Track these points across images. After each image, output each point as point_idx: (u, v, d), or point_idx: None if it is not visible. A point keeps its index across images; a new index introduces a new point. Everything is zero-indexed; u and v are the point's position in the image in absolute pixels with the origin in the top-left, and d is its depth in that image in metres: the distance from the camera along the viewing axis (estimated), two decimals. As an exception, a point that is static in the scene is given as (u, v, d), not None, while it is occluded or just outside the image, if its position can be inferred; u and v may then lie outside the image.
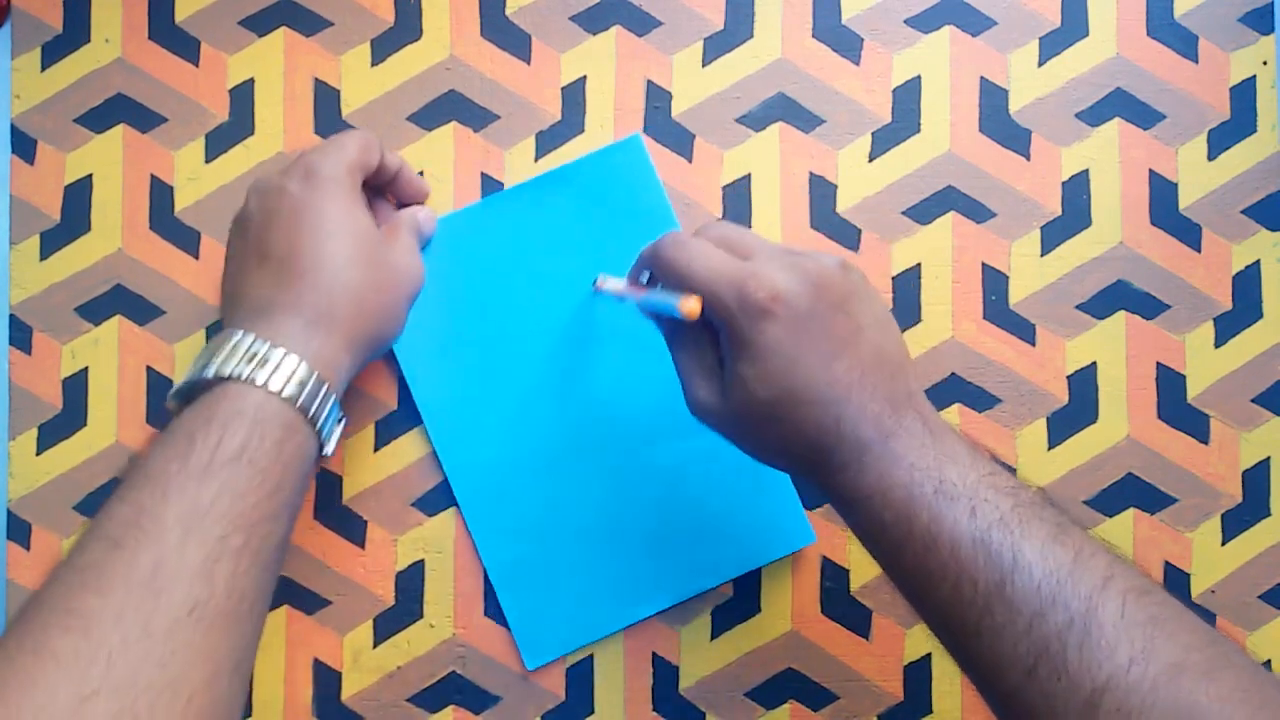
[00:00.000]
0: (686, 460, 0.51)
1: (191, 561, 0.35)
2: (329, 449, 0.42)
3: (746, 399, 0.38)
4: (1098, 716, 0.32)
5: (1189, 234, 0.53)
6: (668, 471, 0.51)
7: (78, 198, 0.53)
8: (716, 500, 0.51)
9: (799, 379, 0.38)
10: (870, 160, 0.53)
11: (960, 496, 0.36)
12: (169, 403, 0.41)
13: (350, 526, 0.52)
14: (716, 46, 0.53)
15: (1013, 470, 0.52)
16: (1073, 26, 0.53)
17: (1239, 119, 0.53)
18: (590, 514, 0.51)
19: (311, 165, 0.44)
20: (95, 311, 0.52)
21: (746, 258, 0.39)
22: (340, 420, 0.43)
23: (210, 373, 0.39)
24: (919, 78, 0.53)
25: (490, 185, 0.53)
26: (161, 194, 0.53)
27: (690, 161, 0.53)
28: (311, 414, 0.40)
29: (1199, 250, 0.53)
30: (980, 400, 0.52)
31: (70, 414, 0.52)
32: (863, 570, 0.52)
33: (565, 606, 0.51)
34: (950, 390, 0.52)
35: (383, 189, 0.50)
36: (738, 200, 0.53)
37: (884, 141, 0.53)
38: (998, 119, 0.53)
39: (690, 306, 0.38)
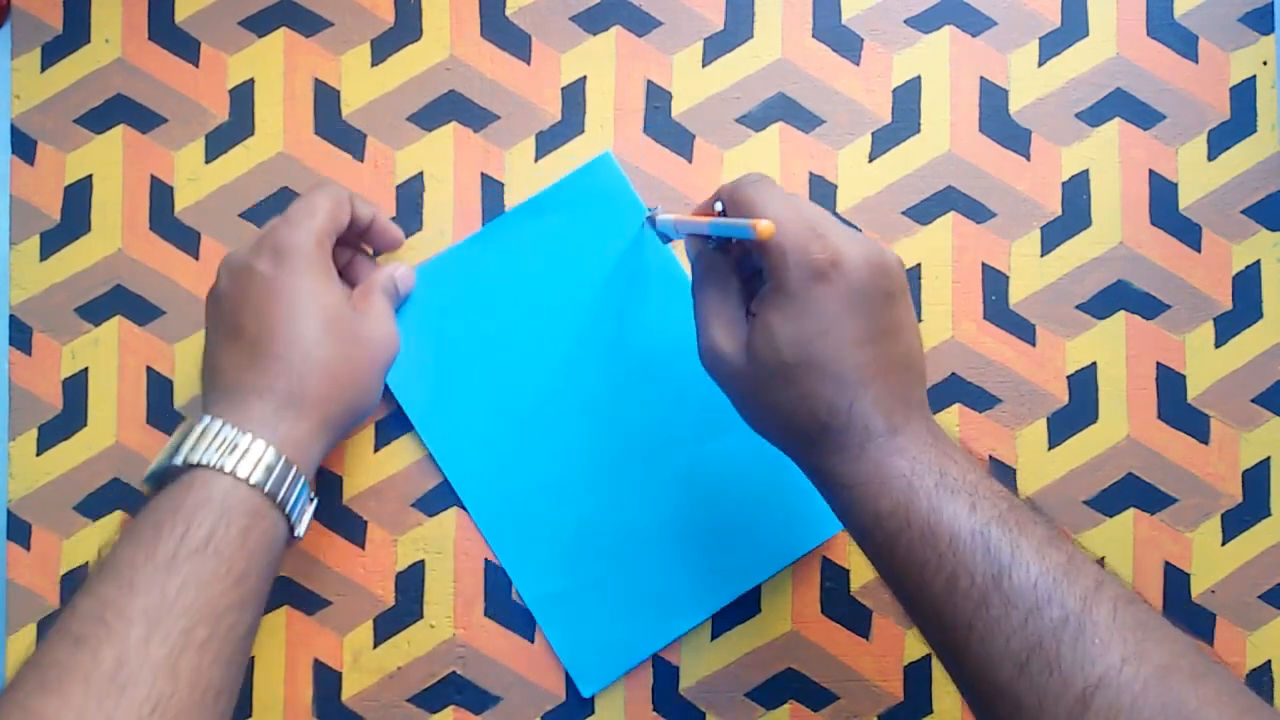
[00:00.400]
0: (706, 465, 0.51)
1: (155, 657, 0.35)
2: (299, 531, 0.42)
3: (770, 354, 0.38)
4: (1088, 713, 0.33)
5: (1189, 234, 0.53)
6: (689, 479, 0.51)
7: (78, 198, 0.53)
8: (739, 501, 0.51)
9: (828, 350, 0.37)
10: (870, 160, 0.53)
11: (961, 491, 0.37)
12: (143, 486, 0.41)
13: (350, 527, 0.52)
14: (716, 47, 0.53)
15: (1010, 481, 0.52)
16: (1073, 26, 0.53)
17: (1239, 119, 0.53)
18: (620, 533, 0.51)
19: (280, 242, 0.44)
20: (95, 312, 0.52)
21: (813, 225, 0.39)
22: (311, 501, 0.43)
23: (179, 459, 0.40)
24: (919, 78, 0.53)
25: (490, 185, 0.53)
26: (161, 194, 0.53)
27: (690, 162, 0.53)
28: (280, 498, 0.40)
29: (1199, 250, 0.53)
30: (980, 400, 0.52)
31: (70, 414, 0.52)
32: (863, 570, 0.52)
33: (612, 629, 0.51)
34: (950, 390, 0.52)
35: (357, 240, 0.50)
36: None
37: (884, 141, 0.53)
38: (998, 119, 0.53)
39: (766, 226, 0.36)
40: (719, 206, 0.42)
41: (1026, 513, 0.37)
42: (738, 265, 0.42)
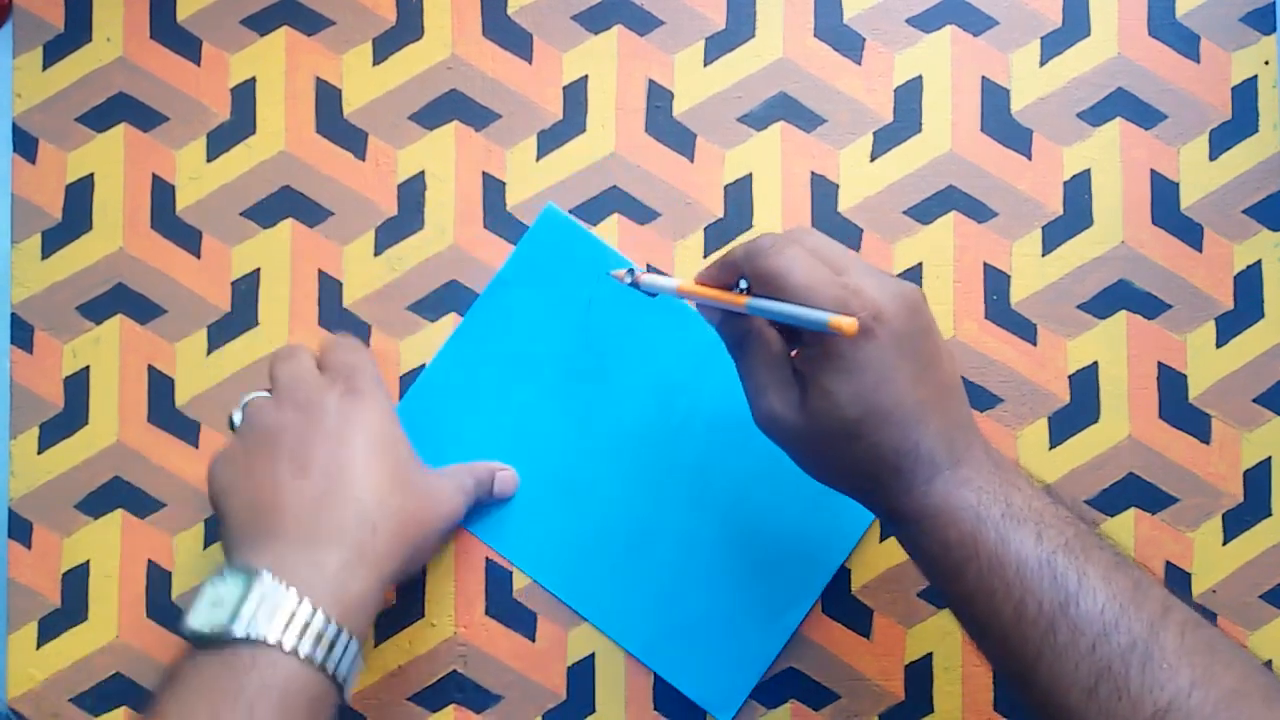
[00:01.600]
0: (749, 488, 0.51)
1: None
2: (348, 698, 0.40)
3: (832, 414, 0.38)
4: None
5: (1190, 234, 0.53)
6: (738, 504, 0.51)
7: (79, 197, 0.53)
8: (785, 511, 0.51)
9: (888, 398, 0.38)
10: (872, 160, 0.53)
11: (1027, 520, 0.37)
12: (184, 630, 0.39)
13: (351, 526, 0.52)
14: (718, 46, 0.53)
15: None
16: (1074, 26, 0.53)
17: (1240, 119, 0.53)
18: (695, 568, 0.51)
19: (352, 374, 0.43)
20: (97, 310, 0.52)
21: (839, 272, 0.39)
22: (360, 665, 0.41)
23: (239, 630, 0.37)
24: (920, 77, 0.53)
25: (492, 184, 0.53)
26: (163, 193, 0.53)
27: (692, 161, 0.53)
28: (340, 677, 0.39)
29: (1200, 250, 0.53)
30: (982, 400, 0.52)
31: (71, 413, 0.52)
32: (864, 570, 0.52)
33: (726, 649, 0.51)
34: (951, 390, 0.52)
35: None
36: (739, 200, 0.53)
37: (885, 141, 0.53)
38: (999, 119, 0.53)
39: (850, 324, 0.36)
40: (744, 284, 0.41)
41: (1092, 538, 0.38)
42: (770, 321, 0.42)
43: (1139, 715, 0.33)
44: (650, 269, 0.49)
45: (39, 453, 0.52)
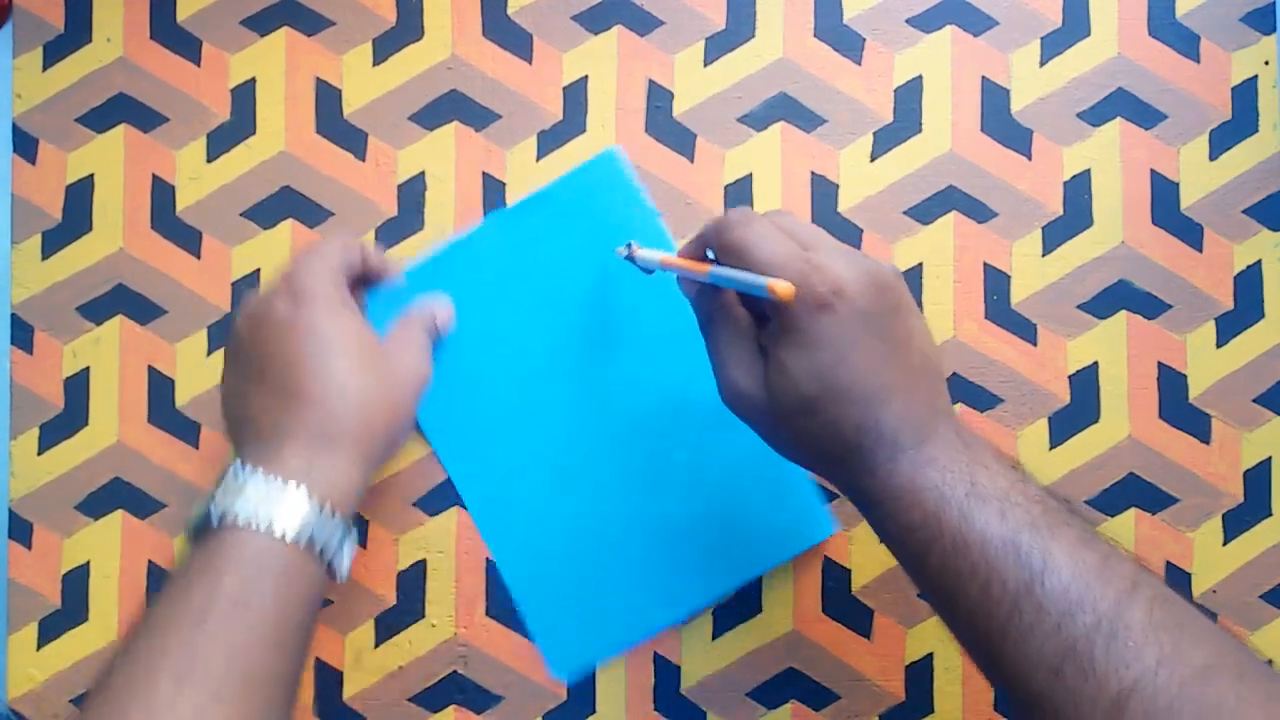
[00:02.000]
0: (703, 461, 0.51)
1: (182, 711, 0.35)
2: (340, 576, 0.42)
3: (789, 389, 0.38)
4: (1124, 717, 0.32)
5: (1190, 234, 0.53)
6: (685, 474, 0.51)
7: (79, 197, 0.53)
8: (736, 499, 0.51)
9: (846, 376, 0.37)
10: (872, 160, 0.53)
11: (991, 499, 0.37)
12: (183, 535, 0.41)
13: (352, 526, 0.52)
14: (718, 46, 0.53)
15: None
16: (1074, 26, 0.53)
17: (1240, 119, 0.53)
18: (610, 522, 0.51)
19: (295, 281, 0.44)
20: (97, 311, 0.52)
21: (807, 249, 0.39)
22: (352, 541, 0.43)
23: (213, 513, 0.40)
24: (920, 77, 0.53)
25: (492, 185, 0.53)
26: (163, 193, 0.53)
27: (692, 161, 0.53)
28: (318, 548, 0.40)
29: (1200, 250, 0.53)
30: (982, 400, 0.52)
31: (72, 413, 0.52)
32: (864, 570, 0.52)
33: (592, 617, 0.51)
34: (952, 390, 0.52)
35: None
36: (739, 200, 0.53)
37: (885, 141, 0.53)
38: (999, 119, 0.53)
39: (785, 289, 0.36)
40: (710, 254, 0.42)
41: (1060, 515, 0.37)
42: (740, 297, 0.42)
43: (1104, 694, 0.33)
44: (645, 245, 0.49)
45: (39, 453, 0.52)
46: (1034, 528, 0.36)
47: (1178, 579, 0.52)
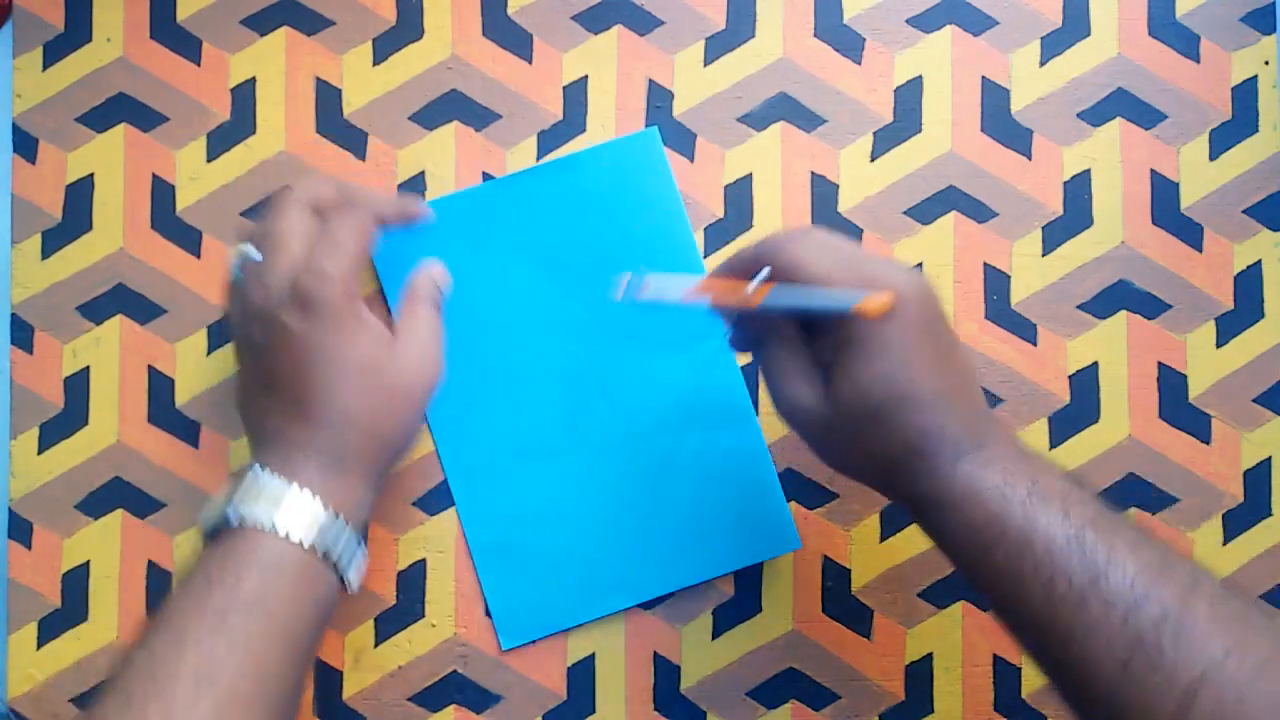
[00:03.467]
0: (679, 457, 0.51)
1: (202, 713, 0.35)
2: (352, 586, 0.42)
3: (857, 399, 0.39)
4: (1193, 708, 0.33)
5: (1190, 234, 0.53)
6: (659, 467, 0.51)
7: (79, 197, 0.53)
8: (706, 499, 0.51)
9: (911, 381, 0.38)
10: (872, 160, 0.53)
11: (1053, 498, 0.37)
12: (198, 527, 0.42)
13: (351, 526, 0.52)
14: (718, 46, 0.53)
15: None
16: (1074, 26, 0.53)
17: (1240, 119, 0.53)
18: (578, 503, 0.51)
19: (308, 295, 0.42)
20: (97, 311, 0.52)
21: (853, 260, 0.39)
22: (363, 553, 0.43)
23: (231, 514, 0.40)
24: (920, 77, 0.53)
25: (492, 185, 0.53)
26: (163, 193, 0.53)
27: (692, 161, 0.53)
28: (329, 554, 0.40)
29: (1200, 250, 0.53)
30: (982, 400, 0.52)
31: (72, 413, 0.52)
32: (864, 570, 0.52)
33: (545, 591, 0.51)
34: (952, 390, 0.52)
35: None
36: (739, 200, 0.53)
37: (885, 141, 0.53)
38: (999, 119, 0.53)
39: (880, 301, 0.37)
40: (765, 273, 0.40)
41: (1116, 516, 0.38)
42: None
43: (1174, 686, 0.33)
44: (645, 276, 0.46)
45: (39, 453, 0.52)
46: (1095, 526, 0.37)
47: (1178, 579, 0.52)
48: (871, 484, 0.42)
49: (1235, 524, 0.52)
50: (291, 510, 0.40)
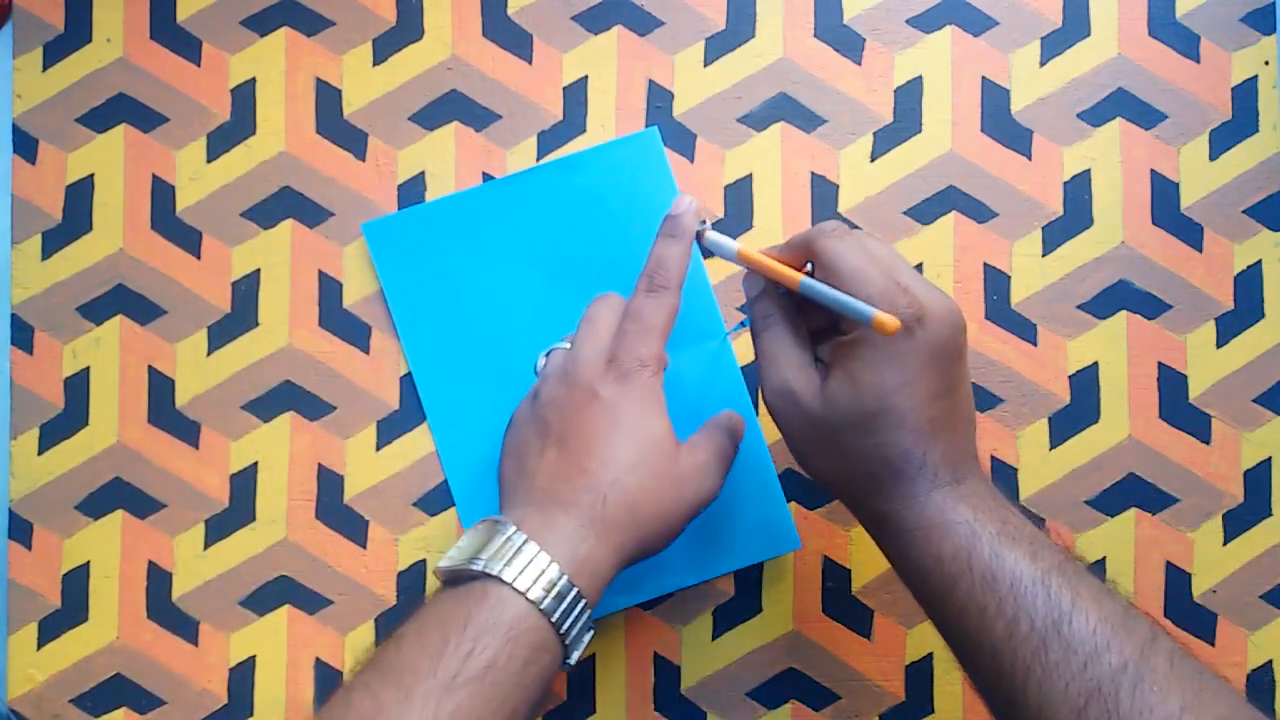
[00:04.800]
0: None
1: None
2: (573, 660, 0.41)
3: (850, 403, 0.39)
4: None
5: (1191, 234, 0.53)
6: None
7: (79, 197, 0.53)
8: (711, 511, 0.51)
9: (908, 401, 0.38)
10: (872, 160, 0.53)
11: (1022, 540, 0.38)
12: (435, 571, 0.41)
13: (352, 526, 0.52)
14: (718, 46, 0.53)
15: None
16: (1074, 26, 0.53)
17: (1240, 119, 0.53)
18: None
19: (624, 367, 0.43)
20: (97, 311, 0.52)
21: (892, 270, 0.40)
22: (590, 631, 0.42)
23: (479, 566, 0.39)
24: (920, 77, 0.53)
25: (492, 185, 0.53)
26: (163, 194, 0.53)
27: (692, 161, 0.53)
28: (564, 629, 0.39)
29: (1200, 250, 0.53)
30: (982, 400, 0.52)
31: (72, 414, 0.52)
32: (864, 570, 0.52)
33: None
34: (952, 390, 0.52)
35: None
36: (740, 200, 0.53)
37: (886, 141, 0.53)
38: (999, 119, 0.53)
39: (891, 323, 0.37)
40: (810, 266, 0.42)
41: (1081, 566, 0.38)
42: (801, 307, 0.43)
43: None
44: (714, 227, 0.48)
45: (39, 454, 0.52)
46: (1062, 571, 0.37)
47: (1178, 579, 0.52)
48: (842, 494, 0.42)
49: (1235, 524, 0.52)
50: (539, 573, 0.39)
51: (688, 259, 0.45)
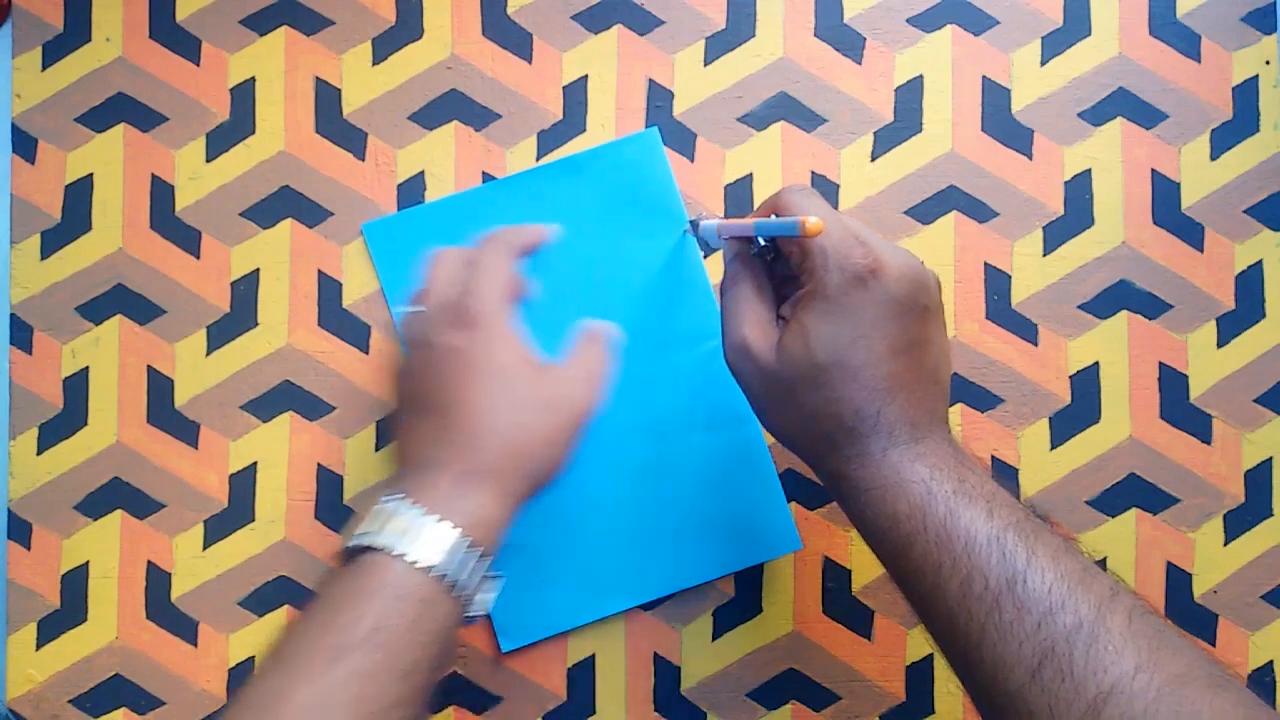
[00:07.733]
0: (680, 458, 0.51)
1: None
2: (479, 610, 0.41)
3: (802, 355, 0.38)
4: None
5: (1191, 234, 0.53)
6: (660, 468, 0.51)
7: (78, 197, 0.52)
8: (708, 499, 0.51)
9: (862, 355, 0.38)
10: (872, 160, 0.53)
11: (978, 498, 0.37)
12: (336, 559, 0.41)
13: (351, 526, 0.52)
14: (718, 46, 0.53)
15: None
16: (1075, 26, 0.53)
17: (1241, 118, 0.53)
18: (578, 504, 0.51)
19: (464, 310, 0.43)
20: (96, 311, 0.52)
21: (856, 232, 0.39)
22: (496, 578, 0.42)
23: (363, 541, 0.39)
24: (921, 77, 0.53)
25: (492, 185, 0.52)
26: (162, 193, 0.53)
27: (692, 161, 0.53)
28: (456, 583, 0.39)
29: (1201, 250, 0.53)
30: (983, 400, 0.52)
31: (71, 413, 0.52)
32: (864, 571, 0.52)
33: (545, 592, 0.51)
34: (953, 390, 0.52)
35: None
36: (739, 200, 0.52)
37: (886, 141, 0.53)
38: (1000, 118, 0.53)
39: (815, 223, 0.37)
40: (774, 217, 0.42)
41: (1041, 524, 0.37)
42: (770, 271, 0.43)
43: (1082, 697, 0.33)
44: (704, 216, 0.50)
45: (38, 453, 0.52)
46: (1019, 529, 0.36)
47: (1178, 579, 0.52)
48: (801, 453, 0.41)
49: (1236, 524, 0.52)
50: (419, 536, 0.39)
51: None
